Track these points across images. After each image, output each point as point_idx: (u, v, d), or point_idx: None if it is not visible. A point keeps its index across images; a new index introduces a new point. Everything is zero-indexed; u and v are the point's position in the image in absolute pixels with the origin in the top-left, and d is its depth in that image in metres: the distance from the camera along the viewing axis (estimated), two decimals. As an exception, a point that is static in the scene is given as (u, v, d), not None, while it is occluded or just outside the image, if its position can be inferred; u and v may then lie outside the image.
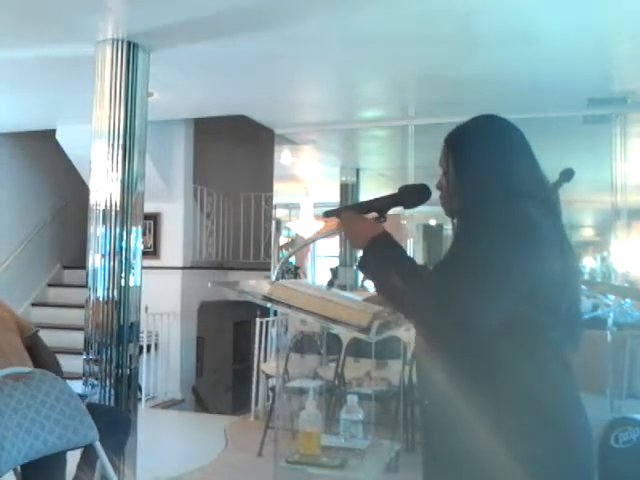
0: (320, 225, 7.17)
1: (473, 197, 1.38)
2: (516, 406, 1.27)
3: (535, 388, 1.28)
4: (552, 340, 1.32)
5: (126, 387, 3.46)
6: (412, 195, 1.50)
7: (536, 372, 1.29)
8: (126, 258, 3.49)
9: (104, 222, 3.48)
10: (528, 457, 1.25)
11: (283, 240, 7.67)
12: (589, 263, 6.78)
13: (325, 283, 7.10)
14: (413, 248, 5.88)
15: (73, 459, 2.73)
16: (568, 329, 1.35)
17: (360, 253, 1.38)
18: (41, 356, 3.08)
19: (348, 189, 7.28)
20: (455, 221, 1.46)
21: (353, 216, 1.45)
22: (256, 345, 5.81)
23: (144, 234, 4.22)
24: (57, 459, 2.50)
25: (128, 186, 3.51)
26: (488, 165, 1.38)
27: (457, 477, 1.33)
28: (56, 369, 2.96)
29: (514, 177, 1.37)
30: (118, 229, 3.48)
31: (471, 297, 1.22)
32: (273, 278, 1.66)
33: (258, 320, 5.86)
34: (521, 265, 1.26)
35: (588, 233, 7.68)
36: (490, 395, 1.28)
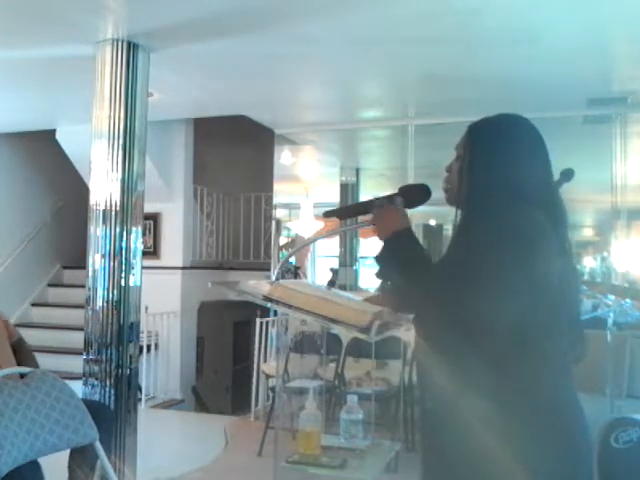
0: (320, 225, 7.17)
1: (480, 192, 1.38)
2: (523, 411, 1.27)
3: (541, 392, 1.28)
4: (555, 344, 1.32)
5: (126, 387, 3.46)
6: (412, 195, 1.51)
7: (539, 374, 1.29)
8: (126, 258, 3.48)
9: (104, 222, 3.48)
10: (533, 462, 1.25)
11: (283, 240, 7.66)
12: (589, 263, 6.78)
13: (325, 283, 7.10)
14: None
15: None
16: (569, 332, 1.35)
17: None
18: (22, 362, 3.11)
19: (348, 189, 7.28)
20: (459, 212, 1.46)
21: (387, 208, 1.47)
22: (256, 345, 5.81)
23: (144, 234, 4.22)
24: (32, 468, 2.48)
25: (128, 186, 3.51)
26: (503, 163, 1.39)
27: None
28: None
29: (525, 179, 1.38)
30: (118, 229, 3.47)
31: (480, 306, 1.23)
32: (273, 278, 1.66)
33: (258, 320, 5.86)
34: (527, 270, 1.26)
35: (588, 233, 7.67)
36: (495, 400, 1.27)
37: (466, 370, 1.29)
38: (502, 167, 1.39)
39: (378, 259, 1.42)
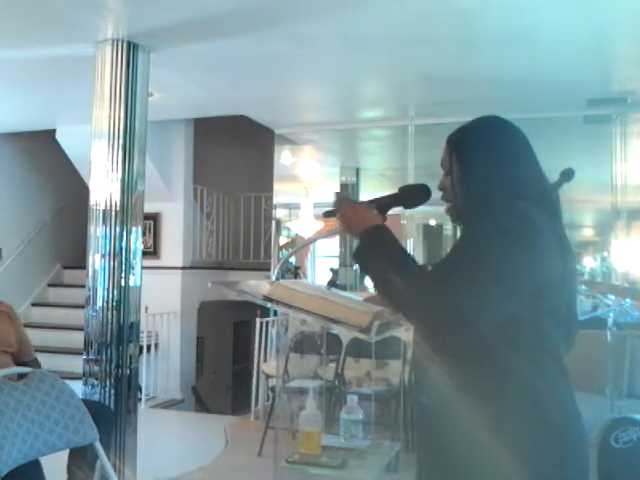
0: (320, 225, 7.16)
1: (477, 198, 1.38)
2: (515, 407, 1.27)
3: (534, 389, 1.28)
4: (551, 341, 1.32)
5: (126, 387, 3.46)
6: (412, 195, 1.50)
7: (535, 373, 1.29)
8: (126, 258, 3.48)
9: (104, 222, 3.48)
10: (525, 457, 1.25)
11: (283, 240, 7.66)
12: (589, 263, 6.78)
13: (325, 283, 7.10)
14: (413, 248, 5.87)
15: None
16: (565, 330, 1.36)
17: (356, 242, 1.38)
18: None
19: (348, 189, 7.28)
20: (461, 224, 1.46)
21: (354, 203, 1.46)
22: (256, 345, 5.81)
23: (144, 234, 4.22)
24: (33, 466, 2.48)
25: (128, 186, 3.51)
26: (492, 167, 1.39)
27: (452, 476, 1.33)
28: None
29: (517, 179, 1.38)
30: (118, 229, 3.47)
31: (467, 298, 1.22)
32: (273, 278, 1.66)
33: (258, 320, 5.86)
34: (522, 268, 1.26)
35: (588, 233, 7.68)
36: (489, 396, 1.28)
37: (461, 366, 1.30)
38: (493, 170, 1.38)
39: (358, 256, 1.36)
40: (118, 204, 3.48)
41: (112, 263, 3.46)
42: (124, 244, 3.48)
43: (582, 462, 1.34)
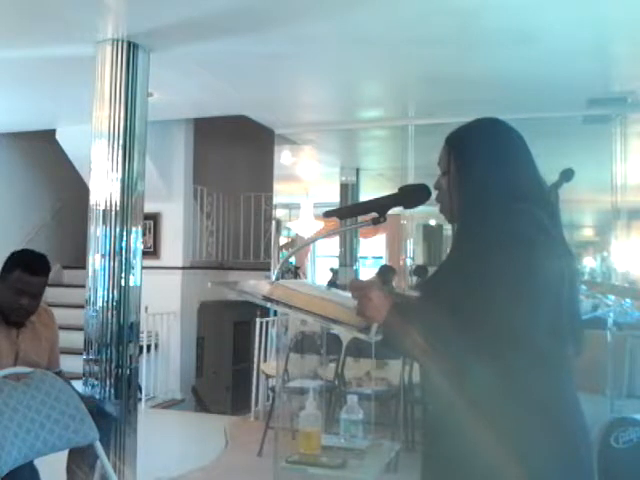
0: (320, 225, 7.17)
1: (475, 198, 1.38)
2: (524, 413, 1.26)
3: (544, 395, 1.27)
4: (559, 344, 1.31)
5: (126, 387, 3.46)
6: (412, 195, 1.50)
7: (545, 378, 1.28)
8: (126, 258, 3.49)
9: (104, 222, 3.48)
10: (534, 464, 1.24)
11: (283, 240, 7.66)
12: (589, 263, 6.78)
13: (325, 283, 7.10)
14: (413, 248, 5.88)
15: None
16: (573, 332, 1.35)
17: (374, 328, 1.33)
18: None
19: (348, 189, 7.28)
20: (456, 225, 1.46)
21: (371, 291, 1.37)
22: (256, 345, 5.81)
23: (144, 234, 4.22)
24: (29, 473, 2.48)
25: (128, 186, 3.51)
26: (491, 167, 1.39)
27: None
28: None
29: (514, 180, 1.38)
30: (118, 229, 3.47)
31: (486, 310, 1.22)
32: (273, 278, 1.65)
33: (258, 320, 5.86)
34: (534, 270, 1.25)
35: (588, 233, 7.68)
36: (499, 403, 1.26)
37: (468, 372, 1.29)
38: (493, 171, 1.38)
39: (388, 342, 1.36)
40: (118, 204, 3.48)
41: (112, 263, 3.46)
42: (124, 244, 3.48)
43: (588, 468, 1.33)
